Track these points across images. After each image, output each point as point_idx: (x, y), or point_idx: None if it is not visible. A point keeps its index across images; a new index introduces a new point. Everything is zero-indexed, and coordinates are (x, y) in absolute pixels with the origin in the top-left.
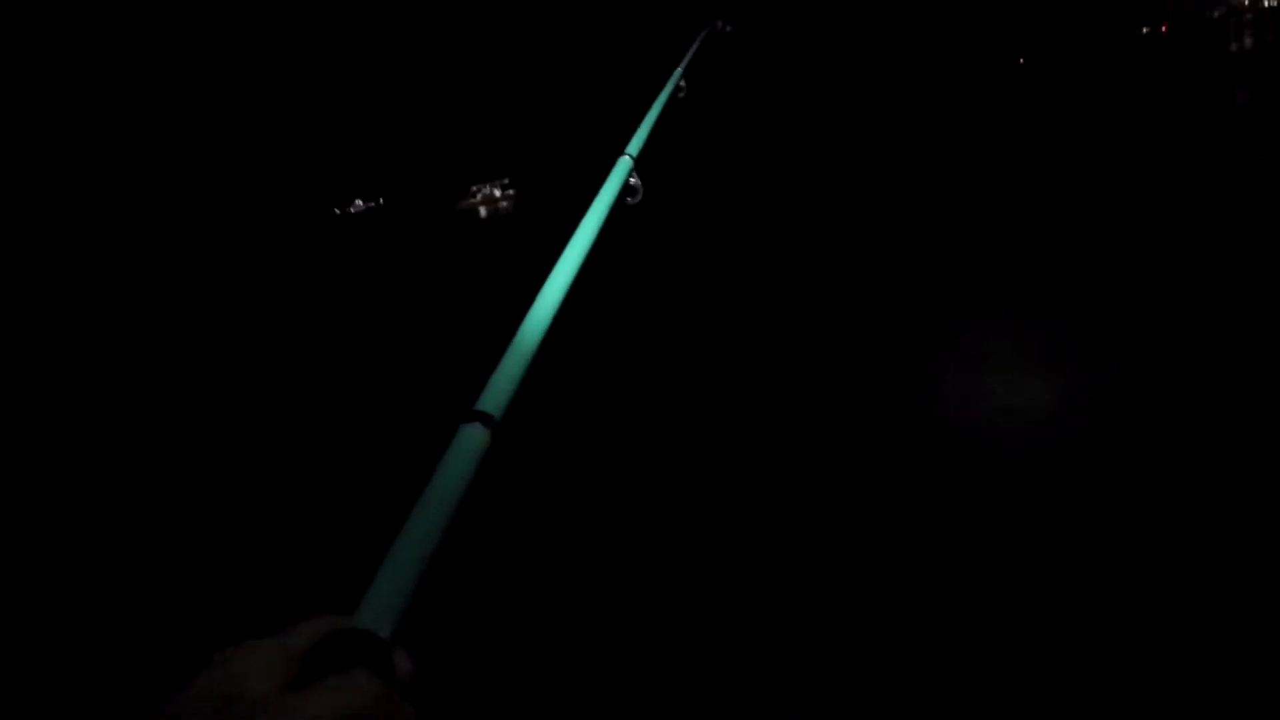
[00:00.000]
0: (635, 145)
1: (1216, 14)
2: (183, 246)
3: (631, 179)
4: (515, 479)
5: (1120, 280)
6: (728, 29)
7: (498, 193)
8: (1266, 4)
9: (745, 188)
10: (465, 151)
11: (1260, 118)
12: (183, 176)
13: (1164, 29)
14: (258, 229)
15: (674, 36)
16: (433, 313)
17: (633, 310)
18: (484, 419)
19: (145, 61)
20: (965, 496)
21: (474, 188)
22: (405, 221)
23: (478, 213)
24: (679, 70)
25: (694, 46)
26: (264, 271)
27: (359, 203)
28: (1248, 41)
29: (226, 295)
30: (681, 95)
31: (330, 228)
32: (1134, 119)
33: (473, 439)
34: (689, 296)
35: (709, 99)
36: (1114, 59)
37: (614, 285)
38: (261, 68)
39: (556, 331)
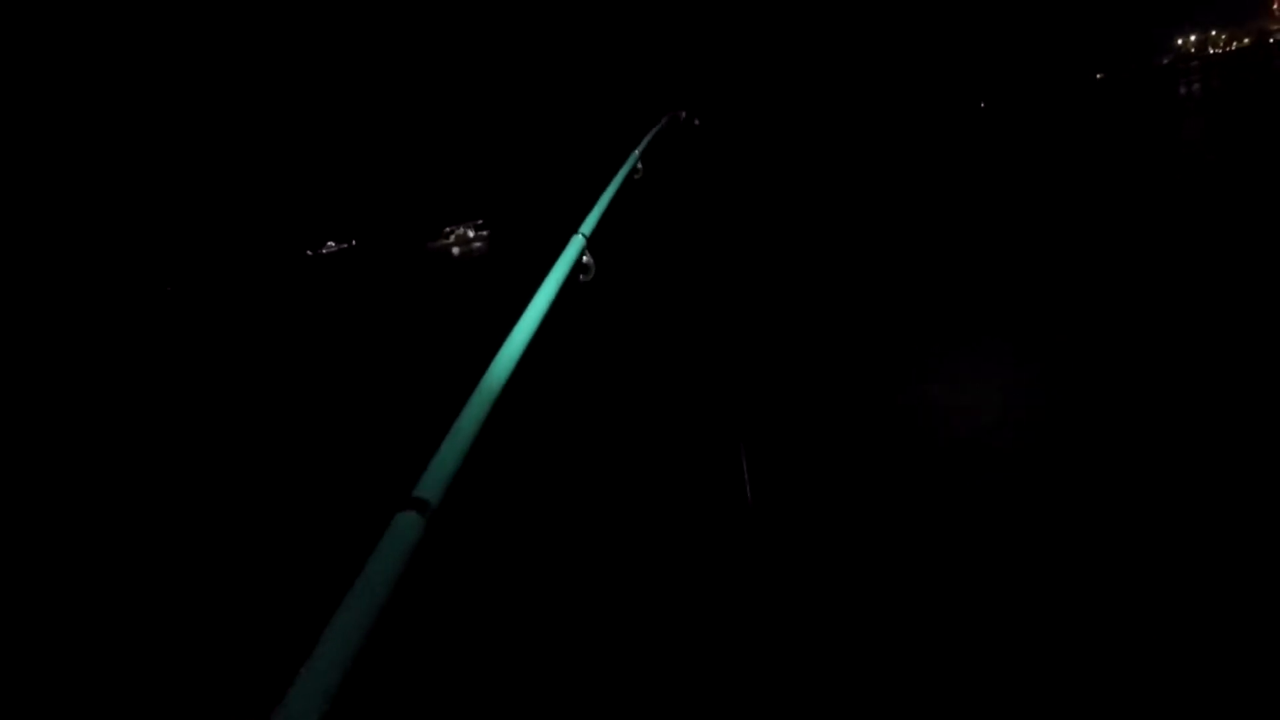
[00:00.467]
0: (589, 224)
1: (1166, 61)
2: (148, 288)
3: (584, 257)
4: (452, 565)
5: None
6: (695, 122)
7: (471, 233)
8: (1211, 51)
9: (711, 239)
10: (439, 193)
11: (1217, 159)
12: (151, 219)
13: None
14: (226, 270)
15: (639, 119)
16: (395, 366)
17: (584, 389)
18: (420, 506)
19: (126, 102)
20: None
21: (447, 228)
22: (376, 262)
23: (450, 253)
24: (636, 153)
25: (653, 130)
26: (222, 318)
27: (330, 244)
28: (1195, 87)
29: (186, 344)
30: (638, 177)
31: (299, 269)
32: (1097, 156)
33: (407, 528)
34: (642, 375)
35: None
36: (1071, 103)
37: (566, 364)
38: (236, 110)
39: (502, 412)
